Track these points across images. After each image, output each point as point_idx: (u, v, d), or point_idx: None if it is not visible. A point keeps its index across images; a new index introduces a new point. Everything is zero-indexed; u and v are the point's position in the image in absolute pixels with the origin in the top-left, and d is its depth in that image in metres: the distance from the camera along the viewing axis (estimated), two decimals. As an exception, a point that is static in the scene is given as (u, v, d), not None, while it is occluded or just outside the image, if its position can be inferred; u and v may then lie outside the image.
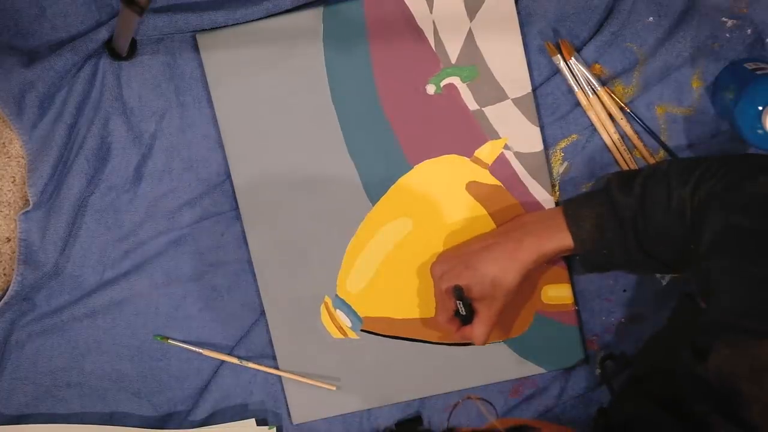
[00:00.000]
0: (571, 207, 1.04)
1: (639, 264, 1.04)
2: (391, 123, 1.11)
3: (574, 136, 1.12)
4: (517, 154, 1.12)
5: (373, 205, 1.12)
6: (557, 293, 1.14)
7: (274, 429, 1.14)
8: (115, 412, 1.15)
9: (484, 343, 1.07)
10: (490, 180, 1.12)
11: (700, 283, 0.97)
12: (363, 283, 1.13)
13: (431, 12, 1.10)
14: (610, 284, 1.14)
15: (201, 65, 1.11)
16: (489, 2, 1.09)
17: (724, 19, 1.09)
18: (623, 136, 1.11)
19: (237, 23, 1.09)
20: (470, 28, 1.10)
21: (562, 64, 1.10)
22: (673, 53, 1.09)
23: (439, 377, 1.14)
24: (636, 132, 1.11)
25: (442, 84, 1.11)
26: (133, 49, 1.09)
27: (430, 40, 1.10)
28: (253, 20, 1.09)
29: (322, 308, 1.13)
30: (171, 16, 1.08)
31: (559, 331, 1.14)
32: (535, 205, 1.12)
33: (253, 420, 1.14)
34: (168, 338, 1.14)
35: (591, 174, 1.13)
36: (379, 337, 1.14)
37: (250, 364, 1.13)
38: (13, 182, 1.13)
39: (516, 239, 1.05)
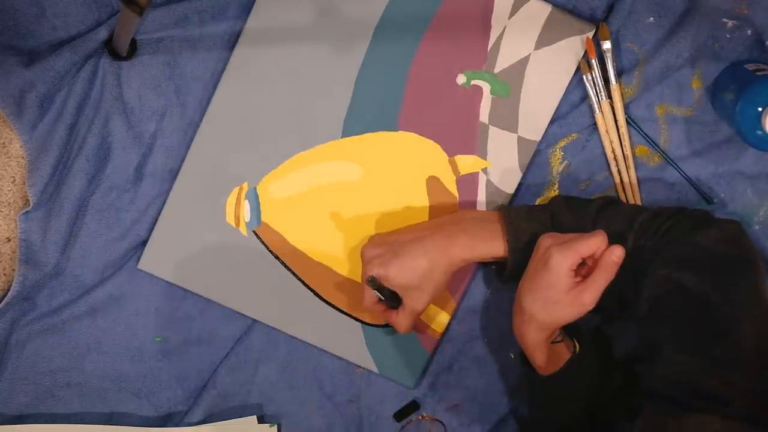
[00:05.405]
0: (512, 217, 1.03)
1: None
2: (407, 83, 1.11)
3: (574, 135, 1.12)
4: (488, 183, 1.11)
5: (341, 137, 1.12)
6: (435, 315, 1.13)
7: (275, 427, 1.15)
8: (115, 412, 1.15)
9: (406, 332, 1.07)
10: (452, 188, 1.12)
11: (642, 339, 0.96)
12: (284, 195, 1.12)
13: (509, 18, 1.09)
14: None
15: (201, 64, 1.11)
16: (559, 46, 1.09)
17: (724, 19, 1.09)
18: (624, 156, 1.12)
19: None
20: (530, 54, 1.10)
21: (587, 77, 1.10)
22: (673, 53, 1.09)
23: (288, 315, 1.13)
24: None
25: (472, 82, 1.11)
26: (133, 49, 1.09)
27: (491, 40, 1.10)
28: None
29: (235, 191, 1.12)
30: None
31: (412, 348, 1.13)
32: None
33: (255, 417, 1.14)
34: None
35: (590, 173, 1.13)
36: (264, 248, 1.13)
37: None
38: (13, 182, 1.12)
39: (449, 235, 1.03)
